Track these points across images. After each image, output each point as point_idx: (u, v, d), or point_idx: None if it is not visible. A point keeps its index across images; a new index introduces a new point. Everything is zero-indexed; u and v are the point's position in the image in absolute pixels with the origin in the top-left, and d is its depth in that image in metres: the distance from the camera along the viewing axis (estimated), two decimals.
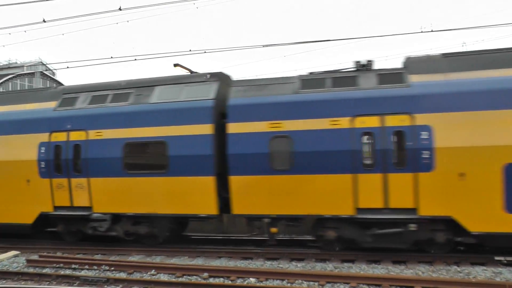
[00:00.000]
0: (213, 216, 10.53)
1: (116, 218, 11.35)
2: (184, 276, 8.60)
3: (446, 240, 9.29)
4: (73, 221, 11.98)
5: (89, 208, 11.45)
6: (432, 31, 12.48)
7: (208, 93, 10.63)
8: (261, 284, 7.98)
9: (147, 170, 10.83)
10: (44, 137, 11.88)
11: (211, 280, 8.32)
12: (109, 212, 11.26)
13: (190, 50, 13.31)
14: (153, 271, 8.97)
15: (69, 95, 12.31)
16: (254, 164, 9.91)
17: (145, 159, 10.97)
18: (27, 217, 12.13)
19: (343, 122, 9.44)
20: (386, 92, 9.39)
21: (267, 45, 12.86)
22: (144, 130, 10.86)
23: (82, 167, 11.38)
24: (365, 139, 9.44)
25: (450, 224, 9.06)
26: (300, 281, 8.03)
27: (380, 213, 9.30)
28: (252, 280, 8.27)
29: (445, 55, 9.84)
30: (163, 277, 8.67)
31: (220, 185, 10.37)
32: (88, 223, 11.58)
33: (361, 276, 7.96)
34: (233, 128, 10.14)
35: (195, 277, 8.55)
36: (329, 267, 9.05)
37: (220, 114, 10.58)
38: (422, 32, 12.65)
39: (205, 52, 13.82)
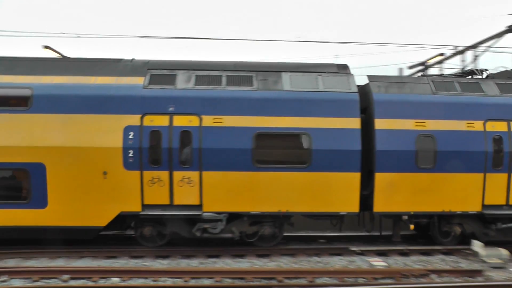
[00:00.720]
0: (354, 214, 10.17)
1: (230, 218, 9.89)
2: (42, 280, 7.79)
3: None
4: (171, 222, 9.90)
5: (197, 207, 9.67)
6: None
7: (350, 85, 10.22)
8: (125, 284, 7.70)
9: (282, 164, 9.78)
10: (132, 119, 9.51)
11: (72, 283, 7.73)
12: (224, 211, 9.72)
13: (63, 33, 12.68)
14: (5, 277, 7.76)
15: (159, 71, 10.08)
16: (400, 161, 10.01)
17: (280, 151, 9.88)
18: (100, 219, 9.57)
19: (478, 125, 10.36)
20: (506, 101, 10.65)
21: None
22: (279, 119, 9.75)
23: (193, 158, 9.53)
24: (495, 142, 10.51)
25: None
26: (164, 278, 7.91)
27: (501, 209, 10.53)
28: (116, 279, 7.86)
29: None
30: (17, 282, 7.64)
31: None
32: (195, 224, 9.77)
33: (225, 271, 8.22)
34: (380, 124, 10.02)
35: (54, 280, 7.81)
36: (194, 263, 9.04)
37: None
38: None
39: (79, 36, 13.19)
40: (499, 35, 15.46)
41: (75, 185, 9.52)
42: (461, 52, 17.96)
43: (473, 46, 17.25)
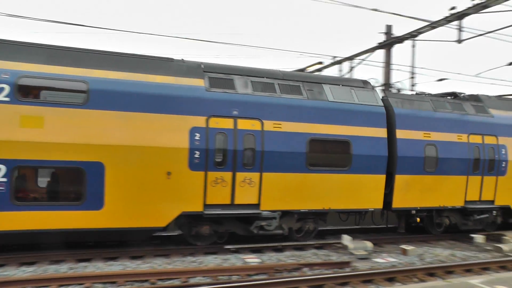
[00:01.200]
0: (379, 210, 11.75)
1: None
2: None
3: (500, 221, 14.08)
4: (228, 221, 10.22)
5: (255, 206, 10.24)
6: None
7: (377, 100, 11.79)
8: None
9: (329, 167, 10.89)
10: (198, 121, 9.68)
11: None
12: (278, 210, 10.48)
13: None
14: None
15: (216, 74, 10.34)
16: (413, 165, 11.96)
17: (328, 155, 10.94)
18: (160, 219, 9.54)
19: (464, 138, 12.89)
20: (483, 119, 13.39)
21: None
22: (327, 127, 10.87)
23: (255, 160, 10.09)
24: (474, 151, 13.13)
25: (506, 210, 13.93)
26: (29, 287, 7.30)
27: (476, 204, 13.23)
28: None
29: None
30: None
31: None
32: (249, 222, 10.31)
33: (96, 275, 7.78)
34: (400, 134, 11.83)
35: None
36: (63, 269, 8.42)
37: None
38: None
39: None
40: (372, 50, 17.76)
41: (135, 185, 9.26)
42: (339, 62, 19.89)
43: (350, 58, 19.20)
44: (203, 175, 9.68)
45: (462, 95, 14.31)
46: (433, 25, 15.15)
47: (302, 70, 18.99)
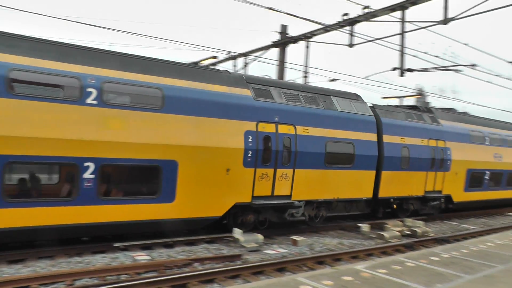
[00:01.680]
0: (370, 199, 14.62)
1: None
2: None
3: (444, 206, 17.95)
4: (270, 210, 12.15)
5: (288, 197, 12.37)
6: None
7: (369, 110, 14.66)
8: None
9: (339, 164, 13.43)
10: (250, 125, 11.54)
11: None
12: (303, 200, 12.73)
13: None
14: None
15: (257, 85, 12.21)
16: (393, 163, 15.11)
17: (339, 155, 13.44)
18: (219, 210, 11.23)
19: (426, 142, 16.44)
20: (436, 127, 17.06)
21: None
22: (341, 132, 13.41)
23: (290, 159, 12.22)
24: (431, 152, 16.73)
25: (448, 198, 17.83)
26: None
27: (431, 193, 16.89)
28: None
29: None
30: None
31: None
32: (286, 210, 12.40)
33: None
34: (386, 138, 14.88)
35: None
36: None
37: None
38: None
39: None
40: (266, 48, 18.12)
41: (201, 180, 10.76)
42: (234, 58, 19.92)
43: (244, 54, 19.36)
44: (253, 171, 11.53)
45: (420, 107, 18.01)
46: (326, 28, 15.93)
47: (196, 63, 18.50)
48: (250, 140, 11.41)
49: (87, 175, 9.19)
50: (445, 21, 12.92)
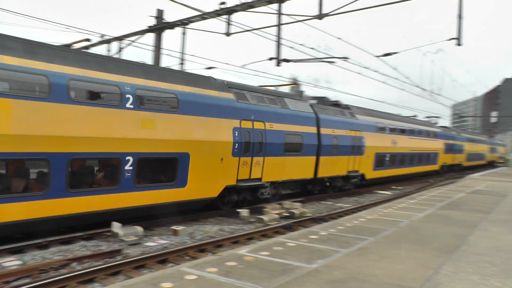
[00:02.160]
0: (312, 179, 18.54)
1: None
2: None
3: (360, 183, 22.89)
4: (246, 190, 15.27)
5: (260, 179, 15.70)
6: None
7: (310, 108, 18.61)
8: None
9: (293, 152, 17.08)
10: (236, 123, 14.57)
11: None
12: (269, 181, 16.16)
13: None
14: None
15: (236, 90, 15.22)
16: (328, 150, 19.36)
17: (293, 144, 17.02)
18: (215, 191, 14.17)
19: (349, 132, 21.02)
20: (354, 121, 21.87)
21: None
22: (294, 127, 17.08)
23: (262, 149, 15.52)
24: (352, 140, 21.43)
25: (362, 176, 22.86)
26: None
27: (351, 172, 21.58)
28: None
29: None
30: None
31: None
32: (259, 190, 15.66)
33: None
34: (322, 131, 19.01)
35: None
36: None
37: None
38: None
39: None
40: (142, 32, 17.40)
41: (204, 168, 13.42)
42: (108, 41, 18.99)
43: (119, 38, 18.42)
44: (238, 160, 14.57)
45: (340, 104, 22.64)
46: (204, 15, 15.65)
47: (68, 46, 17.36)
48: (236, 134, 14.39)
49: (127, 167, 11.15)
50: (320, 16, 13.56)
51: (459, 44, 16.91)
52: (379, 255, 7.01)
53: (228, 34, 15.38)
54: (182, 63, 17.86)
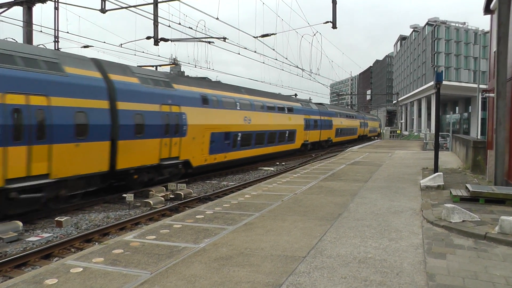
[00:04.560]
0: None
1: None
2: None
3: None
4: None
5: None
6: None
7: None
8: None
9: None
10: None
11: None
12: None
13: None
14: None
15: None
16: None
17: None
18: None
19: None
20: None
21: None
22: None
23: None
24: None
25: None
26: None
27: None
28: None
29: None
30: None
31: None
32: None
33: None
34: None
35: None
36: None
37: None
38: None
39: None
40: (8, 5, 15.02)
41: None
42: None
43: None
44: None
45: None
46: None
47: None
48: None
49: (238, 138, 21.83)
50: None
51: (334, 27, 18.53)
52: (265, 229, 7.19)
53: (103, 10, 14.46)
54: (57, 41, 16.46)
